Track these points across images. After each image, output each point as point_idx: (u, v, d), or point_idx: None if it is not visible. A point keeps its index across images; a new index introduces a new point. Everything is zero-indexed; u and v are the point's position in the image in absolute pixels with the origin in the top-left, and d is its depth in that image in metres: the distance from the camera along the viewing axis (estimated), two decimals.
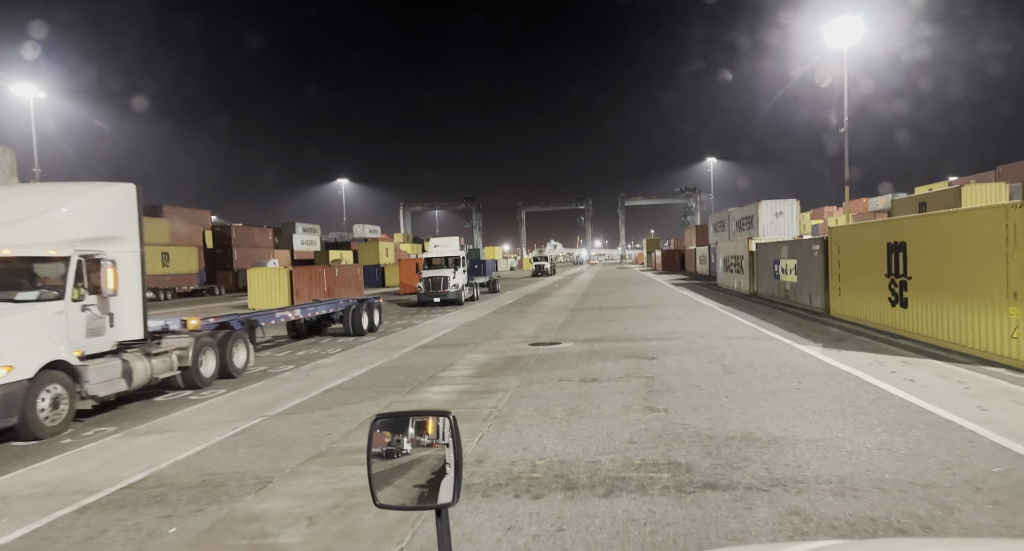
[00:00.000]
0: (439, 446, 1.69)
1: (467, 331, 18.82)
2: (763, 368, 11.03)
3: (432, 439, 1.70)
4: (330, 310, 18.07)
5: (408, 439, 1.71)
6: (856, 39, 42.82)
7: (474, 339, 16.71)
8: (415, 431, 1.71)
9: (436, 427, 1.71)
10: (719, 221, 48.21)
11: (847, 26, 42.70)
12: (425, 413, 1.72)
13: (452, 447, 1.68)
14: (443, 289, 28.79)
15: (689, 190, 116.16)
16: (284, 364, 13.95)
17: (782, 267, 23.60)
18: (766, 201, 36.24)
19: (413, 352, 14.88)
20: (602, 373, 11.21)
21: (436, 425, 1.71)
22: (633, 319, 19.96)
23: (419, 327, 20.65)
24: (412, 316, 24.99)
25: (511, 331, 18.27)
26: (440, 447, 1.69)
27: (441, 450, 1.69)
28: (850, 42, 43.06)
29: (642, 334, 16.26)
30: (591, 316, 21.57)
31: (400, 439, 1.71)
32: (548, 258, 69.15)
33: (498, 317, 22.90)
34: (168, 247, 51.80)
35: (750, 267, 28.04)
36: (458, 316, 24.00)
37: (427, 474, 1.68)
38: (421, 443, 1.71)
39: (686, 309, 22.64)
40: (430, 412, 1.71)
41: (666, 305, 24.53)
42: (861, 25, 43.18)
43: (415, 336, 18.06)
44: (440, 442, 1.69)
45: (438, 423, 1.71)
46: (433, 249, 31.07)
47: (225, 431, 8.25)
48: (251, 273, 33.20)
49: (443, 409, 1.71)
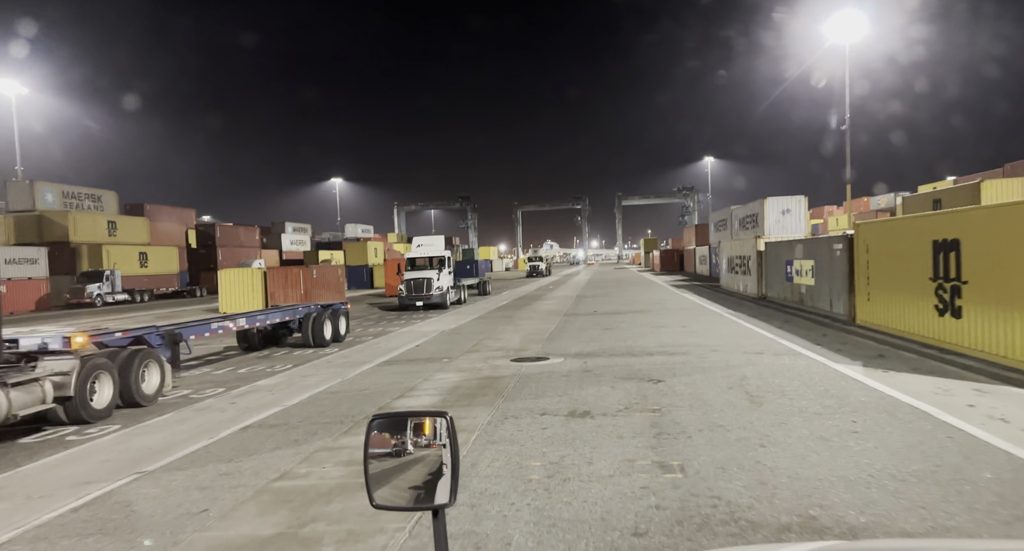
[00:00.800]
0: (436, 447, 1.67)
1: (444, 341, 16.43)
2: (799, 397, 8.66)
3: (429, 440, 1.68)
4: (286, 318, 15.67)
5: (405, 439, 1.68)
6: (859, 35, 40.77)
7: (449, 352, 14.32)
8: (412, 432, 1.69)
9: (433, 428, 1.68)
10: (720, 219, 45.86)
11: (849, 21, 40.68)
12: (422, 413, 1.70)
13: (449, 448, 1.66)
14: (426, 292, 26.40)
15: (687, 189, 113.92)
16: (215, 386, 11.53)
17: (796, 268, 21.24)
18: (772, 198, 33.86)
19: (373, 370, 12.49)
20: (596, 403, 8.83)
21: (433, 426, 1.69)
22: (632, 327, 17.59)
23: (392, 336, 18.25)
24: (390, 322, 22.60)
25: (494, 342, 15.90)
26: (437, 448, 1.67)
27: (438, 451, 1.66)
28: (852, 38, 40.98)
29: (643, 347, 13.89)
30: (585, 323, 19.20)
31: (397, 439, 1.69)
32: (543, 258, 66.74)
33: (483, 323, 20.51)
34: (147, 247, 49.37)
35: (758, 268, 25.68)
36: (439, 322, 21.62)
37: (424, 475, 1.66)
38: (418, 444, 1.68)
39: (691, 315, 20.27)
40: (427, 412, 1.69)
41: (668, 310, 22.17)
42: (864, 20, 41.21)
43: (383, 348, 15.67)
44: (437, 443, 1.67)
45: (435, 424, 1.69)
46: (416, 249, 28.68)
47: (65, 502, 5.85)
48: (222, 274, 30.79)
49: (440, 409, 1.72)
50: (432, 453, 1.68)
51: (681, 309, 22.33)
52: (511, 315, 22.94)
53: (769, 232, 32.81)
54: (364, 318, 24.41)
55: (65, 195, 47.41)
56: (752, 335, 15.11)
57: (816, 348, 12.84)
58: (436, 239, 29.25)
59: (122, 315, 30.99)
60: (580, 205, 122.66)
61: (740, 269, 28.87)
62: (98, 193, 50.39)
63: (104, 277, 41.49)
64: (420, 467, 1.67)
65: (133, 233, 49.41)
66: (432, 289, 26.46)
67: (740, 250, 29.08)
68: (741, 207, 39.37)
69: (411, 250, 28.89)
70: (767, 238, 25.73)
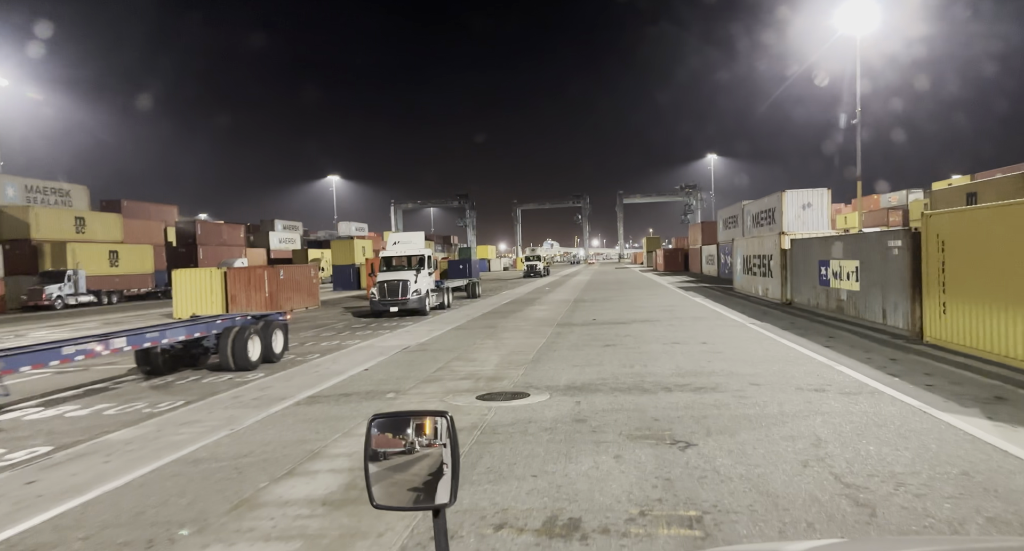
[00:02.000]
0: (437, 446, 1.63)
1: (403, 363, 12.88)
2: (929, 492, 5.08)
3: (430, 439, 1.64)
4: (194, 335, 12.08)
5: (405, 439, 1.65)
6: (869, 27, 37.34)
7: (400, 382, 10.75)
8: (412, 431, 1.65)
9: (434, 427, 1.65)
10: (730, 216, 42.25)
11: (859, 13, 37.22)
12: (423, 413, 1.66)
13: (450, 447, 1.62)
14: (401, 296, 22.83)
15: (689, 187, 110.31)
16: (43, 441, 7.96)
17: (833, 270, 17.64)
18: (791, 191, 30.27)
19: (284, 413, 8.91)
20: (592, 498, 5.27)
21: (434, 425, 1.65)
22: (640, 343, 14.02)
23: (344, 353, 14.68)
24: (354, 332, 19.03)
25: (464, 365, 12.34)
26: (438, 447, 1.63)
27: (438, 450, 1.62)
28: (863, 30, 37.56)
29: (657, 375, 10.32)
30: (582, 337, 15.62)
31: (397, 439, 1.66)
32: (541, 257, 63.10)
33: (459, 336, 16.95)
34: (119, 245, 45.81)
35: (782, 270, 22.09)
36: (410, 333, 18.06)
37: (424, 474, 1.62)
38: (419, 443, 1.64)
39: (709, 326, 16.69)
40: (428, 412, 1.66)
41: (680, 319, 18.58)
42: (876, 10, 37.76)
43: (322, 373, 12.10)
44: (438, 442, 1.63)
45: (436, 423, 1.65)
46: (391, 247, 25.07)
47: None
48: (177, 275, 27.24)
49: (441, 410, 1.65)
50: (432, 453, 1.62)
51: (696, 318, 18.74)
52: (496, 325, 19.37)
53: (788, 228, 29.24)
54: (328, 327, 20.86)
55: (29, 189, 43.87)
56: (797, 358, 11.53)
57: (896, 382, 9.26)
58: (414, 236, 25.61)
59: (80, 320, 27.43)
60: (581, 203, 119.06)
61: (759, 270, 25.28)
62: (66, 187, 46.88)
63: (66, 277, 37.99)
64: (420, 467, 1.62)
65: (104, 230, 45.88)
66: (408, 293, 22.89)
67: (758, 249, 25.49)
68: (754, 202, 35.77)
69: (387, 247, 25.28)
70: (793, 235, 22.14)
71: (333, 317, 24.55)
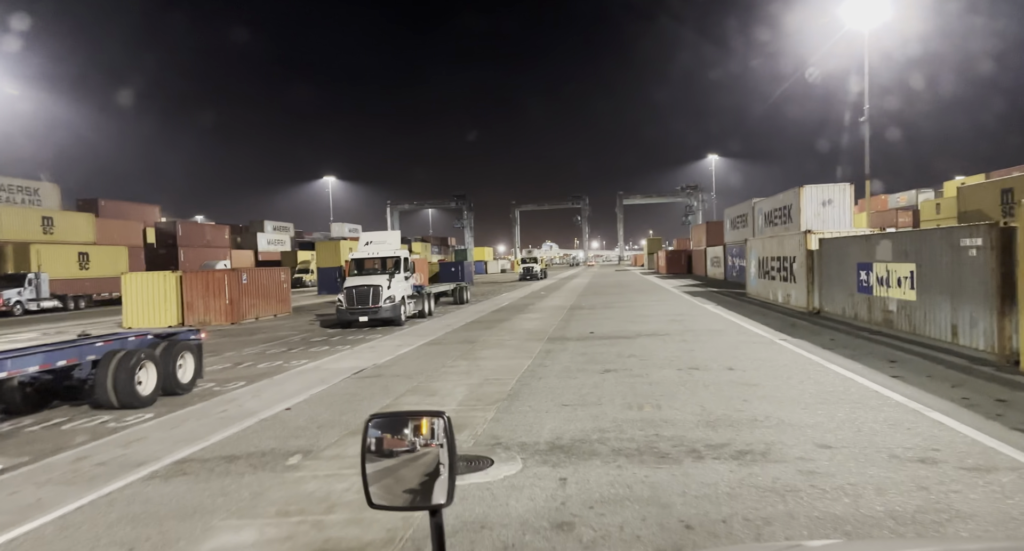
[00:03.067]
0: (434, 446, 1.59)
1: (339, 399, 9.81)
2: None
3: (427, 439, 1.60)
4: (57, 363, 8.99)
5: (403, 439, 1.62)
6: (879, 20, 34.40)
7: (320, 434, 7.66)
8: (409, 431, 1.62)
9: (431, 427, 1.61)
10: (739, 215, 39.18)
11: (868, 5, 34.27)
12: (420, 413, 1.63)
13: (447, 448, 1.58)
14: (372, 304, 19.75)
15: (690, 188, 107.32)
16: None
17: (879, 275, 14.56)
18: (810, 186, 27.22)
19: (109, 502, 5.83)
20: None
21: (431, 425, 1.61)
22: (648, 368, 10.94)
23: (276, 381, 11.60)
24: (308, 348, 15.96)
25: (418, 401, 9.28)
26: (435, 448, 1.59)
27: (435, 451, 1.59)
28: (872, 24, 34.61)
29: (677, 426, 7.24)
30: (575, 357, 12.55)
31: (395, 439, 1.62)
32: (538, 260, 59.99)
33: (429, 355, 13.89)
34: (91, 246, 42.73)
35: (808, 273, 19.01)
36: (373, 350, 15.01)
37: (421, 475, 1.59)
38: (416, 443, 1.61)
39: (731, 343, 13.62)
40: (425, 412, 1.63)
41: (694, 333, 15.52)
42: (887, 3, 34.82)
43: (228, 414, 9.02)
44: (435, 442, 1.60)
45: (433, 424, 1.61)
46: (363, 247, 21.99)
47: None
48: (126, 280, 24.16)
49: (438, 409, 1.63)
50: (430, 453, 1.59)
51: (712, 332, 15.66)
52: (476, 339, 16.29)
53: (807, 227, 26.21)
54: (282, 340, 17.79)
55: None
56: (864, 395, 8.44)
57: None
58: (389, 235, 22.48)
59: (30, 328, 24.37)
60: (580, 204, 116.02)
61: (778, 274, 22.20)
62: (34, 185, 43.84)
63: (27, 281, 35.00)
64: (417, 467, 1.59)
65: (74, 231, 42.81)
66: (381, 300, 19.81)
67: (777, 250, 22.41)
68: (767, 199, 32.72)
69: (358, 248, 22.18)
70: (821, 233, 19.05)
71: (296, 327, 21.50)
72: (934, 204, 56.98)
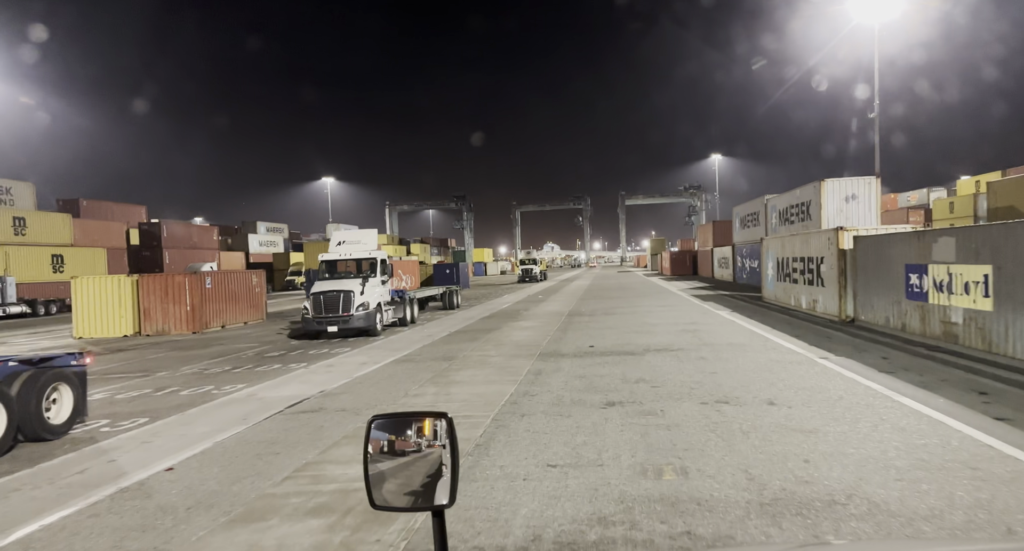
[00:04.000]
0: (436, 447, 1.57)
1: (250, 449, 7.25)
2: None
3: (429, 440, 1.58)
4: None
5: (405, 440, 1.59)
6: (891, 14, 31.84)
7: (169, 537, 5.15)
8: (412, 432, 1.59)
9: (433, 428, 1.58)
10: (750, 213, 36.60)
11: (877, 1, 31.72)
12: (422, 414, 1.60)
13: (449, 448, 1.56)
14: (343, 312, 17.20)
15: (693, 188, 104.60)
16: None
17: (937, 279, 11.99)
18: (831, 180, 24.68)
19: None
20: None
21: (433, 426, 1.58)
22: (664, 401, 8.38)
23: (188, 417, 9.05)
24: (255, 367, 13.43)
25: (355, 452, 6.76)
26: (437, 448, 1.56)
27: (438, 451, 1.56)
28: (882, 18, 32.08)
29: (719, 509, 4.68)
30: (570, 382, 9.99)
31: (397, 440, 1.59)
32: (537, 261, 57.38)
33: (392, 378, 11.33)
34: (67, 248, 40.21)
35: (840, 276, 16.43)
36: (331, 370, 12.47)
37: (424, 475, 1.56)
38: (418, 444, 1.58)
39: (763, 363, 11.04)
40: (427, 413, 1.60)
41: (712, 347, 12.95)
42: None
43: (84, 478, 6.46)
44: (437, 443, 1.57)
45: (435, 424, 1.58)
46: (334, 248, 19.42)
47: None
48: (76, 285, 21.61)
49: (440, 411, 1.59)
50: (432, 454, 1.57)
51: (735, 346, 13.08)
52: (456, 354, 13.75)
53: (829, 224, 23.68)
54: (233, 356, 15.27)
55: None
56: (991, 461, 5.83)
57: None
58: (365, 234, 19.89)
59: None
60: (581, 205, 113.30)
61: (802, 277, 19.61)
62: (6, 184, 41.43)
63: None
64: (420, 468, 1.57)
65: (49, 232, 40.31)
66: (352, 307, 17.25)
67: (801, 250, 19.83)
68: (781, 196, 30.15)
69: (330, 248, 19.60)
70: (854, 230, 16.46)
71: (261, 337, 18.97)
72: (947, 203, 54.29)
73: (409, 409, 8.94)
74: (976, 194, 52.69)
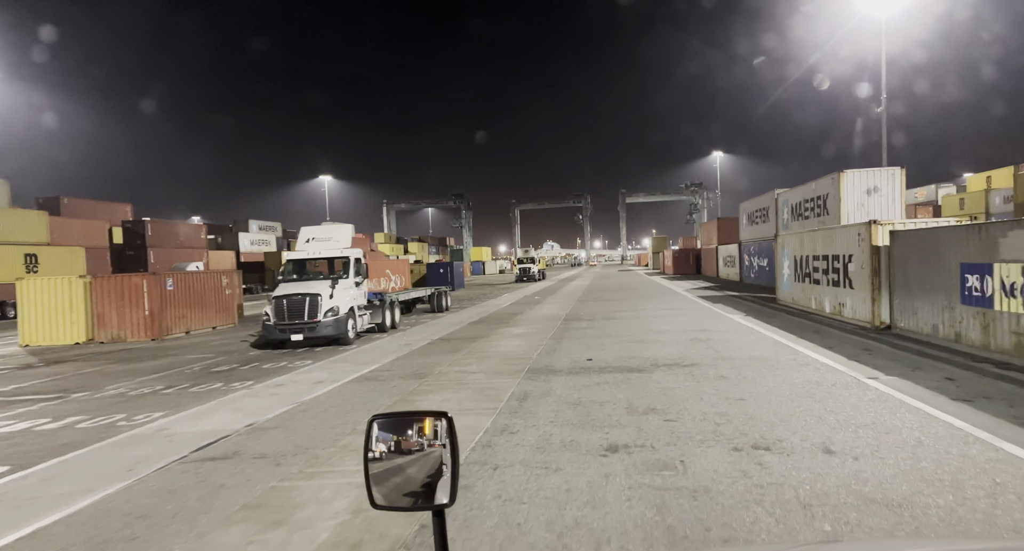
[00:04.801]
0: (436, 447, 1.53)
1: (83, 540, 5.16)
2: None
3: (429, 440, 1.53)
4: None
5: (406, 440, 1.54)
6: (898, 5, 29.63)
7: None
8: (412, 432, 1.55)
9: (434, 428, 1.54)
10: (758, 209, 34.43)
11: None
12: (423, 414, 1.55)
13: (449, 448, 1.52)
14: (309, 318, 15.08)
15: (695, 185, 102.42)
16: None
17: (1007, 281, 9.84)
18: (852, 171, 22.54)
19: None
20: None
21: (434, 426, 1.54)
22: (684, 447, 6.23)
23: (39, 480, 6.98)
24: (189, 387, 11.32)
25: (245, 535, 4.63)
26: (437, 448, 1.52)
27: (438, 451, 1.52)
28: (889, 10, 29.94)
29: None
30: (561, 414, 7.84)
31: (398, 440, 1.55)
32: (535, 260, 55.20)
33: (339, 407, 9.20)
34: (41, 247, 38.11)
35: (874, 277, 14.29)
36: (272, 395, 10.35)
37: (424, 475, 1.52)
38: (419, 444, 1.54)
39: (800, 385, 8.90)
40: (428, 413, 1.55)
41: (734, 363, 10.81)
42: None
43: None
44: (438, 443, 1.53)
45: (436, 424, 1.54)
46: (302, 245, 17.28)
47: None
48: (22, 287, 19.54)
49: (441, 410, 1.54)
50: (432, 453, 1.53)
51: (759, 360, 10.93)
52: (431, 370, 11.62)
53: (848, 218, 21.57)
54: (177, 371, 13.16)
55: None
56: None
57: None
58: (337, 229, 17.70)
59: None
60: (581, 203, 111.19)
61: (825, 277, 17.47)
62: None
63: None
64: (420, 467, 1.53)
65: (21, 230, 38.18)
66: (320, 313, 15.12)
67: (824, 247, 17.67)
68: (794, 190, 27.98)
69: (297, 246, 17.42)
70: (890, 224, 14.31)
71: (221, 346, 16.86)
72: (957, 199, 52.03)
73: (348, 451, 6.80)
74: (988, 190, 50.53)
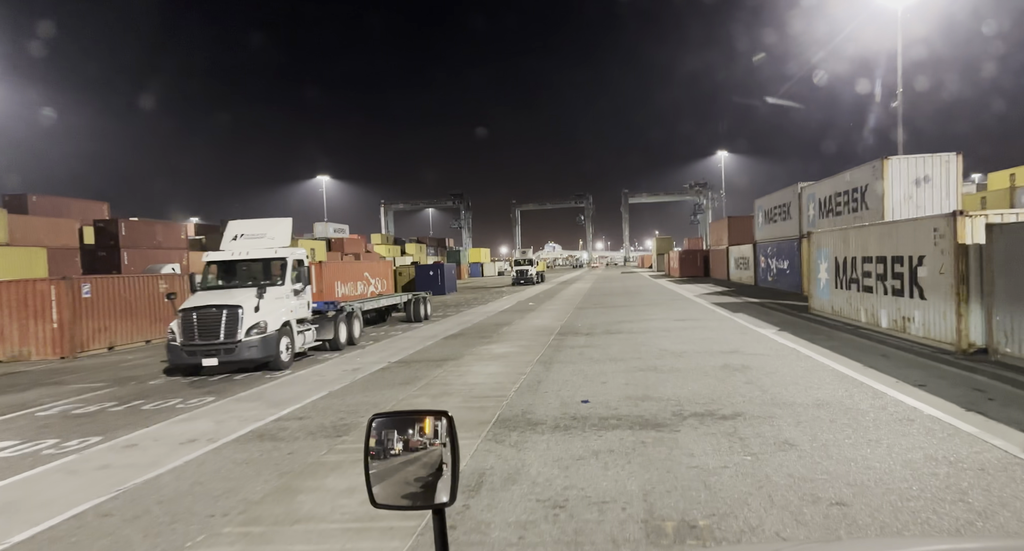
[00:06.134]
0: (437, 446, 1.49)
1: None
2: None
3: (430, 439, 1.50)
4: None
5: (406, 439, 1.51)
6: None
7: None
8: (413, 431, 1.52)
9: (434, 427, 1.51)
10: (777, 205, 30.79)
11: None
12: (423, 413, 1.52)
13: (450, 447, 1.49)
14: (226, 338, 11.53)
15: (699, 185, 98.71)
16: None
17: None
18: (897, 158, 18.99)
19: None
20: None
21: (434, 425, 1.51)
22: None
23: None
24: (31, 437, 7.83)
25: None
26: (438, 447, 1.49)
27: (438, 450, 1.49)
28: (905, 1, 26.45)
29: None
30: (531, 530, 4.34)
31: (398, 439, 1.51)
32: (534, 262, 51.61)
33: (173, 503, 5.70)
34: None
35: (961, 285, 10.70)
36: (103, 467, 6.85)
37: (424, 474, 1.49)
38: (419, 443, 1.51)
39: (922, 468, 5.34)
40: (428, 412, 1.51)
41: (795, 409, 7.25)
42: None
43: None
44: (438, 442, 1.50)
45: (436, 423, 1.51)
46: (229, 243, 13.75)
47: None
48: None
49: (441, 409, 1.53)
50: (433, 452, 1.49)
51: (830, 408, 7.36)
52: (358, 423, 8.10)
53: (893, 214, 18.05)
54: (35, 409, 9.66)
55: None
56: None
57: None
58: (272, 225, 14.07)
59: None
60: (583, 203, 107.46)
61: (881, 283, 13.87)
62: None
63: None
64: (420, 466, 1.50)
65: None
66: (240, 331, 11.57)
67: (877, 246, 14.09)
68: (823, 182, 24.36)
69: (222, 244, 13.86)
70: (984, 216, 10.75)
71: (124, 370, 13.36)
72: (979, 198, 48.31)
73: None
74: (1012, 187, 46.87)
